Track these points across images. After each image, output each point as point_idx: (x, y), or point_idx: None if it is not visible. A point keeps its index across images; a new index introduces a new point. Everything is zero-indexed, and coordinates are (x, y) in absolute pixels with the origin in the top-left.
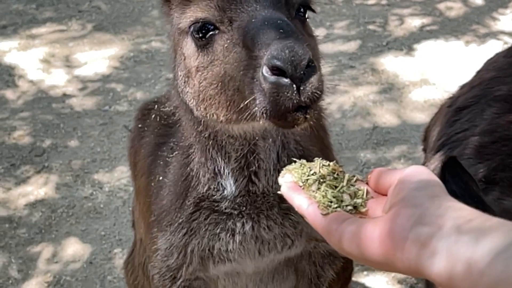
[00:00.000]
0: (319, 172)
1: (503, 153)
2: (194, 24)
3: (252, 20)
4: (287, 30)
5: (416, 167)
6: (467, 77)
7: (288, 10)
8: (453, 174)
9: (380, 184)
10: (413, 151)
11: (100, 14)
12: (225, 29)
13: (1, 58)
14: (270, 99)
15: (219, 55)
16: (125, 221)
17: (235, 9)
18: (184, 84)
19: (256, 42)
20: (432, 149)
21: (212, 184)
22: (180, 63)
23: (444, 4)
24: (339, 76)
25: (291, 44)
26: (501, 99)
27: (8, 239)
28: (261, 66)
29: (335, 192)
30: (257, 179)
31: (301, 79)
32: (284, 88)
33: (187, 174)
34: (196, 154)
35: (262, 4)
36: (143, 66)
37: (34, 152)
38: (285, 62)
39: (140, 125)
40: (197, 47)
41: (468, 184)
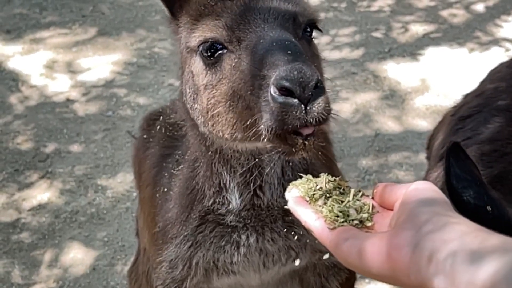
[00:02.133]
0: (325, 187)
1: (505, 161)
2: (203, 43)
3: (261, 41)
4: (295, 51)
5: (422, 183)
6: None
7: (295, 30)
8: (456, 158)
9: (385, 198)
10: (415, 158)
11: (103, 19)
12: (234, 48)
13: (5, 63)
14: (277, 118)
15: (228, 74)
16: (128, 227)
17: (244, 29)
18: (192, 101)
19: (264, 62)
20: (435, 157)
21: (218, 197)
22: (188, 80)
23: (447, 11)
24: (341, 83)
25: (299, 65)
26: (504, 109)
27: (12, 244)
28: (269, 86)
29: (342, 206)
30: (262, 193)
31: (309, 100)
32: (292, 108)
33: (193, 187)
34: (201, 168)
35: (270, 24)
36: (146, 72)
37: (38, 157)
38: (294, 82)
39: (145, 136)
40: (205, 65)
41: (471, 169)
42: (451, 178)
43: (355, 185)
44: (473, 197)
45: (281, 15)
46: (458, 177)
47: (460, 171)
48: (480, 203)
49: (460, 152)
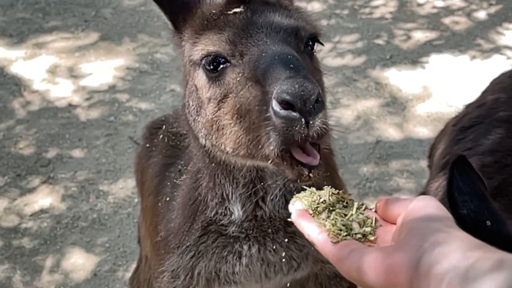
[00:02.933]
0: (328, 200)
1: (505, 172)
2: (205, 57)
3: (263, 55)
4: (296, 65)
5: (425, 199)
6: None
7: (297, 44)
8: (461, 171)
9: (388, 212)
10: (416, 165)
11: (105, 24)
12: (236, 62)
13: (8, 68)
14: (280, 133)
15: (230, 87)
16: (130, 233)
17: (246, 43)
18: (195, 113)
19: (266, 77)
20: (436, 167)
21: (220, 208)
22: (192, 93)
23: (449, 19)
24: (342, 90)
25: (300, 79)
26: (505, 121)
27: (13, 250)
28: (270, 100)
29: (345, 220)
30: (264, 204)
31: (310, 113)
32: (293, 122)
33: (195, 198)
34: (204, 179)
35: (272, 38)
36: (148, 77)
37: (40, 162)
38: (295, 96)
39: (148, 145)
40: (208, 79)
41: (475, 182)
42: (453, 191)
43: (356, 192)
44: (473, 210)
45: (283, 29)
46: (460, 190)
47: (462, 184)
48: (480, 217)
49: (465, 165)
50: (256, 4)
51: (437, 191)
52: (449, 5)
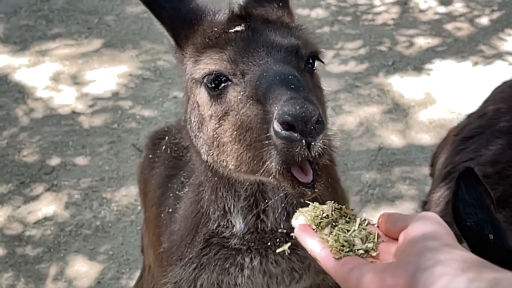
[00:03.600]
0: (331, 215)
1: (506, 183)
2: (207, 75)
3: (264, 74)
4: (297, 86)
5: (427, 215)
6: (473, 98)
7: (298, 62)
8: (467, 183)
9: (390, 228)
10: (418, 172)
11: (109, 31)
12: (238, 81)
13: (11, 75)
14: (280, 153)
15: (232, 106)
16: (133, 241)
17: (247, 62)
18: (196, 129)
19: (267, 96)
20: (438, 177)
21: (222, 221)
22: (193, 109)
23: (451, 25)
24: (345, 96)
25: (301, 101)
26: (506, 131)
27: (17, 258)
28: (271, 120)
29: (347, 236)
30: (265, 216)
31: (311, 135)
32: (294, 143)
33: (198, 211)
34: (206, 192)
35: (273, 57)
36: (151, 84)
37: (43, 170)
38: (296, 118)
39: (150, 155)
40: (210, 96)
41: (481, 195)
42: (458, 203)
43: (358, 199)
44: (476, 223)
45: (283, 48)
46: (465, 202)
47: (468, 196)
48: (483, 230)
49: (472, 178)
50: (257, 22)
51: (438, 201)
52: (451, 11)
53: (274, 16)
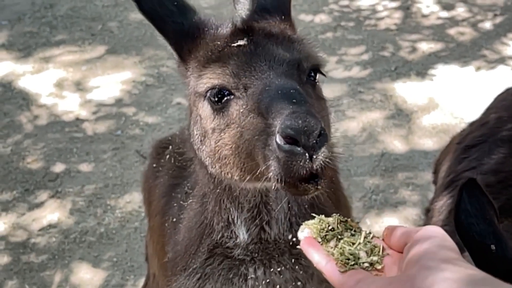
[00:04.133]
0: (337, 228)
1: (508, 193)
2: (210, 89)
3: (266, 88)
4: (299, 99)
5: (431, 229)
6: (476, 103)
7: (300, 75)
8: (470, 194)
9: (395, 241)
10: (421, 178)
11: (112, 37)
12: (240, 95)
13: (16, 82)
14: (283, 167)
15: (234, 119)
16: (137, 247)
17: (250, 76)
18: (200, 142)
19: (270, 110)
20: (441, 185)
21: (226, 232)
22: (197, 122)
23: (454, 30)
24: (348, 101)
25: (303, 114)
26: (508, 140)
27: (22, 265)
28: (274, 134)
29: (352, 249)
30: (268, 227)
31: (313, 148)
32: (297, 156)
33: (202, 221)
34: (210, 203)
35: (275, 71)
36: (154, 90)
37: (48, 177)
38: (298, 132)
39: (154, 165)
40: (213, 110)
41: (484, 206)
42: (460, 213)
43: (361, 205)
44: (479, 234)
45: (285, 62)
46: (467, 212)
47: (470, 206)
48: (485, 241)
49: (475, 189)
50: (259, 36)
51: (441, 210)
52: (454, 16)
53: (276, 30)
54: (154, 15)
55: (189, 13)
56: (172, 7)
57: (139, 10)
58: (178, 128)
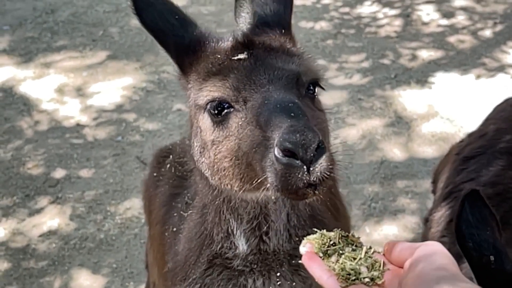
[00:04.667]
0: (338, 243)
1: (507, 205)
2: (210, 102)
3: (265, 102)
4: (298, 113)
5: (432, 245)
6: (476, 111)
7: (299, 89)
8: (472, 204)
9: (395, 256)
10: (420, 186)
11: (113, 43)
12: (240, 108)
13: (17, 87)
14: (281, 179)
15: (234, 131)
16: (137, 254)
17: (249, 89)
18: (199, 154)
19: (268, 123)
20: (440, 196)
21: (225, 243)
22: (197, 134)
23: (454, 37)
24: (348, 109)
25: (301, 128)
26: (506, 152)
27: (22, 270)
28: (273, 146)
29: (354, 264)
30: (268, 238)
31: (311, 161)
32: (295, 169)
33: (201, 232)
34: (210, 214)
35: (274, 85)
36: (155, 96)
37: (48, 182)
38: (296, 145)
39: (155, 174)
40: (213, 122)
41: (486, 217)
42: (461, 223)
43: (360, 212)
44: (479, 244)
45: (285, 75)
46: (468, 223)
47: (472, 217)
48: (484, 252)
49: (477, 200)
50: (259, 50)
51: (440, 221)
52: (454, 23)
53: (276, 44)
54: (156, 28)
55: (190, 26)
56: (173, 20)
57: (141, 23)
58: (179, 134)
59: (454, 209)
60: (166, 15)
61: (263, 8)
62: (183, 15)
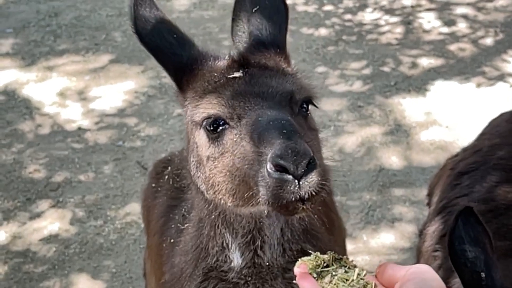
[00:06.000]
0: (331, 264)
1: (499, 222)
2: (206, 119)
3: (259, 119)
4: (290, 130)
5: (421, 267)
6: (475, 120)
7: (292, 107)
8: (465, 221)
9: (386, 278)
10: (418, 194)
11: (116, 47)
12: (235, 124)
13: (19, 90)
14: (273, 193)
15: (229, 148)
16: (136, 259)
17: (244, 107)
18: (195, 169)
19: (262, 140)
20: (434, 210)
21: (220, 256)
22: (193, 150)
23: (455, 46)
24: (347, 116)
25: (293, 145)
26: (500, 168)
27: (22, 274)
28: (266, 162)
29: (346, 285)
30: (262, 252)
31: (301, 176)
32: (286, 183)
33: (197, 245)
34: (206, 228)
35: (268, 102)
36: (156, 101)
37: (49, 186)
38: (288, 161)
39: (153, 185)
40: (208, 138)
41: (479, 234)
42: (454, 239)
43: (358, 220)
44: (471, 261)
45: (278, 94)
46: (461, 240)
47: (465, 234)
48: (476, 268)
49: (471, 216)
50: (254, 69)
51: (433, 235)
52: (455, 31)
53: (271, 63)
54: (154, 46)
55: (188, 45)
56: (171, 39)
57: (140, 42)
58: (179, 139)
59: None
60: (164, 34)
61: (259, 28)
62: (181, 34)
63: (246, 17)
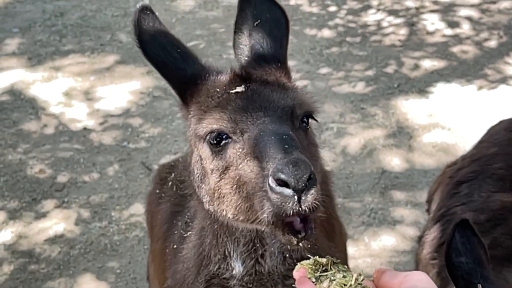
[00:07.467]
0: (330, 269)
1: (496, 232)
2: (209, 133)
3: (261, 133)
4: (291, 145)
5: (418, 274)
6: (477, 122)
7: (293, 121)
8: (461, 234)
9: (383, 284)
10: (420, 196)
11: (121, 47)
12: (237, 138)
13: (26, 90)
14: (274, 207)
15: (232, 161)
16: (140, 259)
17: (246, 122)
18: (199, 181)
19: (263, 154)
20: (433, 218)
21: (222, 264)
22: (197, 162)
23: (458, 48)
24: (350, 118)
25: (294, 159)
26: (498, 178)
27: (27, 274)
28: (267, 176)
29: None
30: (263, 260)
31: (302, 191)
32: (287, 198)
33: (200, 253)
34: (208, 237)
35: (270, 117)
36: (161, 102)
37: (55, 187)
38: (289, 176)
39: (157, 191)
40: (212, 152)
41: (475, 247)
42: (451, 252)
43: (360, 222)
44: (467, 273)
45: (280, 108)
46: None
47: (461, 246)
48: (472, 280)
49: (467, 229)
50: (256, 84)
51: (432, 243)
52: (458, 33)
53: (272, 77)
54: (158, 61)
55: (192, 59)
56: (175, 54)
57: (144, 56)
58: (184, 140)
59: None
60: (168, 49)
61: (260, 43)
62: (184, 48)
63: (248, 30)
